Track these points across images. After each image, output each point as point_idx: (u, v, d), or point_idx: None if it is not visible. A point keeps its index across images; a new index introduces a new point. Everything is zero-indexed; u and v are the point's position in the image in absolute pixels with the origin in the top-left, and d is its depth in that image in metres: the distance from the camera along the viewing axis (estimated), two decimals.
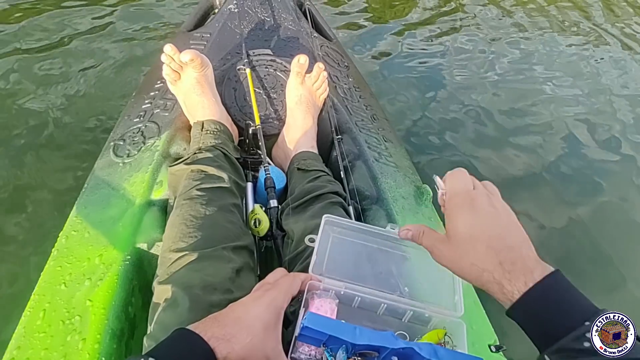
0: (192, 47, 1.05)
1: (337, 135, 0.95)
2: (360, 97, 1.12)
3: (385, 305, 0.53)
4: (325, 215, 0.57)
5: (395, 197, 0.88)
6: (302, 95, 0.93)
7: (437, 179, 0.49)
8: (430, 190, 0.92)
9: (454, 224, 0.43)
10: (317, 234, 0.68)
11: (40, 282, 0.68)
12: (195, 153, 0.78)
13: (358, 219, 0.83)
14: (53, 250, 0.73)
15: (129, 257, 0.71)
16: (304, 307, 0.50)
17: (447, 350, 0.47)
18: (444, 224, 0.88)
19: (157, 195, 0.80)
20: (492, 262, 0.39)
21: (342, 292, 0.52)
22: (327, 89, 0.96)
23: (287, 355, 0.45)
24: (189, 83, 0.88)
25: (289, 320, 0.60)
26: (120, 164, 0.87)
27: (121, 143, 0.92)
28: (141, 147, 0.89)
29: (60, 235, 0.76)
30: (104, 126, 1.47)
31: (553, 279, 0.37)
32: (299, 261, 0.67)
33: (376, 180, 0.90)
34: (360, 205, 0.86)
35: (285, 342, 0.51)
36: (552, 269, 0.38)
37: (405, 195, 0.90)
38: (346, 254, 0.57)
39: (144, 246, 0.74)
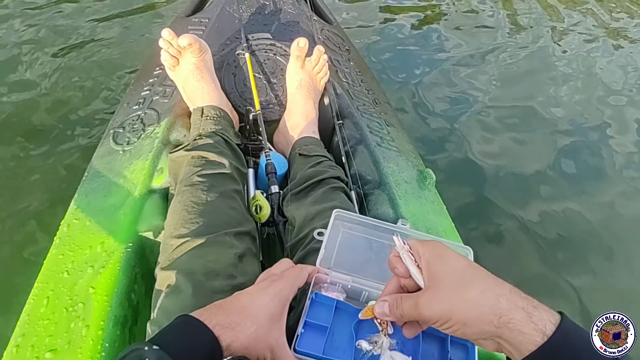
0: (190, 32, 1.04)
1: (338, 120, 0.94)
2: (361, 81, 1.10)
3: None
4: (335, 210, 0.56)
5: (398, 182, 0.87)
6: (302, 80, 0.92)
7: (396, 238, 0.44)
8: (433, 174, 0.91)
9: (439, 266, 0.38)
10: (319, 220, 0.68)
11: (42, 270, 0.68)
12: (195, 139, 0.77)
13: (360, 204, 0.82)
14: (55, 238, 0.73)
15: (131, 244, 0.71)
16: (310, 297, 0.50)
17: None
18: (447, 208, 0.89)
19: (158, 182, 0.80)
20: (503, 288, 0.34)
21: (349, 286, 0.52)
22: (328, 73, 0.95)
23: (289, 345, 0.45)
24: (187, 68, 0.87)
25: (291, 306, 0.60)
26: (120, 152, 0.87)
27: (121, 131, 0.91)
28: (141, 135, 0.89)
29: (61, 223, 0.76)
30: (104, 114, 1.46)
31: (566, 321, 0.33)
32: (300, 247, 0.67)
33: (378, 165, 0.89)
34: (363, 190, 0.85)
35: (287, 327, 0.51)
36: (554, 311, 0.34)
37: (407, 179, 0.89)
38: (355, 249, 0.56)
39: (145, 234, 0.73)
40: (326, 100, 0.98)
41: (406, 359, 0.44)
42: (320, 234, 0.55)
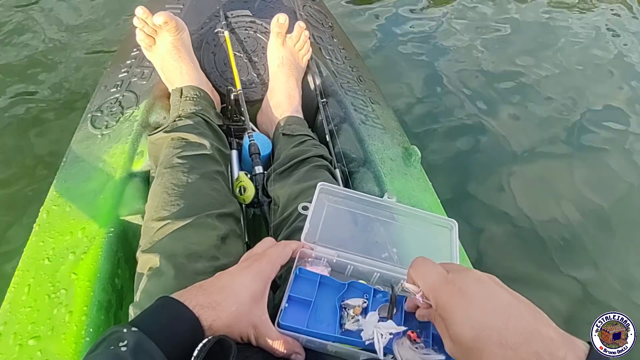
0: (167, 11, 1.00)
1: (322, 98, 0.92)
2: (345, 59, 1.08)
3: (378, 274, 0.52)
4: (320, 183, 0.55)
5: (383, 159, 0.86)
6: (284, 57, 0.89)
7: (407, 285, 0.40)
8: (418, 151, 0.91)
9: (453, 329, 0.34)
10: (303, 199, 0.67)
11: (23, 257, 0.67)
12: (174, 121, 0.76)
13: (345, 182, 0.82)
14: (35, 225, 0.72)
15: (113, 229, 0.69)
16: (294, 272, 0.50)
17: None
18: (433, 185, 0.89)
19: (138, 166, 0.78)
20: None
21: (334, 261, 0.52)
22: (310, 50, 0.93)
23: (273, 322, 0.45)
24: (164, 48, 0.84)
25: (277, 284, 0.60)
26: (99, 136, 0.84)
27: (99, 114, 0.89)
28: (119, 118, 0.86)
29: (41, 210, 0.74)
30: (81, 97, 1.42)
31: None
32: (285, 226, 0.66)
33: (363, 143, 0.88)
34: (347, 168, 0.84)
35: (272, 306, 0.51)
36: (582, 345, 0.31)
37: (393, 156, 0.89)
38: (341, 223, 0.55)
39: (127, 218, 0.72)
40: (309, 79, 0.96)
41: (391, 324, 0.43)
42: (304, 208, 0.55)
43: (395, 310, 0.46)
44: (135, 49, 0.99)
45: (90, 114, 0.89)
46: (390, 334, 0.43)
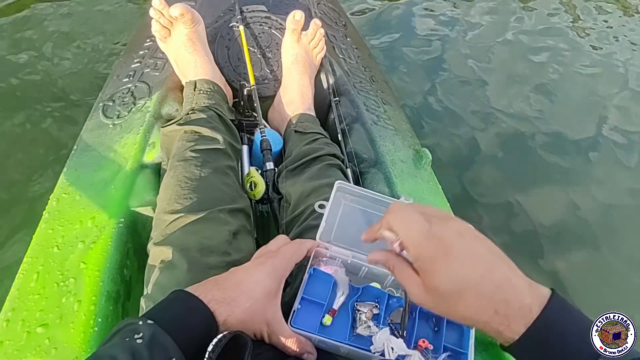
0: (183, 2, 1.00)
1: (334, 97, 0.92)
2: (358, 58, 1.08)
3: (393, 277, 0.52)
4: (337, 182, 0.54)
5: (394, 161, 0.86)
6: (298, 54, 0.89)
7: (385, 233, 0.40)
8: (429, 154, 0.91)
9: (432, 281, 0.36)
10: (315, 197, 0.67)
11: (32, 244, 0.67)
12: (188, 113, 0.76)
13: (356, 182, 0.82)
14: (44, 213, 0.71)
15: (123, 219, 0.69)
16: (308, 272, 0.49)
17: None
18: (442, 189, 0.88)
19: (150, 157, 0.78)
20: (486, 312, 0.35)
21: (349, 261, 0.51)
22: (325, 48, 0.93)
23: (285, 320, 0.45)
24: (179, 40, 0.84)
25: (287, 282, 0.60)
26: (110, 126, 0.84)
27: (110, 104, 0.89)
28: (131, 108, 0.86)
29: (50, 197, 0.74)
30: (92, 86, 1.42)
31: (550, 309, 0.34)
32: (296, 224, 0.66)
33: (374, 144, 0.88)
34: (359, 169, 0.84)
35: (282, 302, 0.51)
36: (546, 292, 0.36)
37: (404, 158, 0.88)
38: (356, 223, 0.55)
39: (137, 209, 0.72)
40: (322, 77, 0.96)
41: (401, 344, 0.43)
42: (321, 206, 0.54)
43: (408, 317, 0.46)
44: (148, 40, 0.99)
45: (102, 103, 0.89)
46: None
